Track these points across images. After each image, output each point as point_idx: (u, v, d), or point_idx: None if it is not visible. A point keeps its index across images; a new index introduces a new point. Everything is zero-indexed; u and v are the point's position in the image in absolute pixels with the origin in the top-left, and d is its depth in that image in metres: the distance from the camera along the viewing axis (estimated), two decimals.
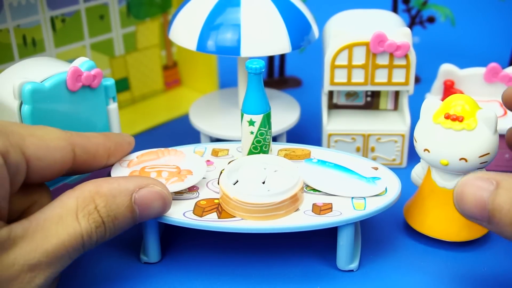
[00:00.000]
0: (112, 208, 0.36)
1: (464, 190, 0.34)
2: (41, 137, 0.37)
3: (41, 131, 0.38)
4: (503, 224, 0.33)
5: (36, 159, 0.37)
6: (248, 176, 0.42)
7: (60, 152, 0.38)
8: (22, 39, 0.54)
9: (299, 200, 0.41)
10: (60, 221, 0.35)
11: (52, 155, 0.37)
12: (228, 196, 0.40)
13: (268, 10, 0.49)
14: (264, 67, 0.43)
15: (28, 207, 0.38)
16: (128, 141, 0.44)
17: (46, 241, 0.34)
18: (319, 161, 0.44)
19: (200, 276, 0.42)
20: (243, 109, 0.44)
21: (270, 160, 0.43)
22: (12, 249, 0.33)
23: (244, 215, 0.39)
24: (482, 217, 0.34)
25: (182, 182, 0.41)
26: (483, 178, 0.34)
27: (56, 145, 0.38)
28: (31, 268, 0.33)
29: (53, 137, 0.38)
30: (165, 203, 0.39)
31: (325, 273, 0.42)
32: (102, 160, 0.42)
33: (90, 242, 0.36)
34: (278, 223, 0.40)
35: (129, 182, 0.38)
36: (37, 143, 0.37)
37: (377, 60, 0.50)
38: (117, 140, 0.43)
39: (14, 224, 0.34)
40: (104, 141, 0.42)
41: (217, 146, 0.48)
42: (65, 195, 0.36)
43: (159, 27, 0.65)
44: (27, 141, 0.36)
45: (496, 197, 0.33)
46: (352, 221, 0.40)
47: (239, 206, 0.39)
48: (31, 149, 0.36)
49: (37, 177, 0.37)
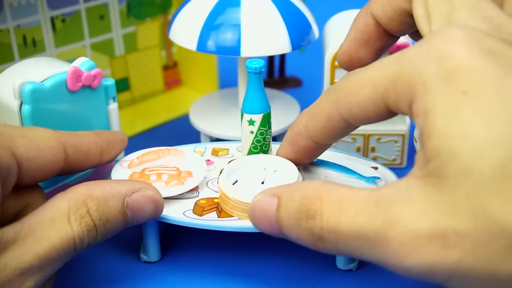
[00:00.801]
0: (104, 211, 0.36)
1: (254, 206, 0.36)
2: (31, 138, 0.37)
3: (32, 132, 0.38)
4: (291, 237, 0.34)
5: (27, 160, 0.36)
6: (247, 176, 0.42)
7: (51, 152, 0.38)
8: (22, 39, 0.54)
9: None
10: (52, 224, 0.35)
11: (43, 155, 0.37)
12: (227, 196, 0.40)
13: (268, 10, 0.49)
14: (264, 67, 0.43)
15: (21, 209, 0.38)
16: (120, 139, 0.43)
17: (37, 245, 0.34)
18: (319, 161, 0.44)
19: (200, 275, 0.42)
20: (243, 109, 0.44)
21: (269, 160, 0.43)
22: (4, 252, 0.33)
23: (243, 215, 0.39)
24: (274, 231, 0.35)
25: (182, 186, 0.41)
26: (268, 194, 0.35)
27: (46, 145, 0.37)
28: (23, 271, 0.33)
29: (44, 138, 0.38)
30: (157, 208, 0.39)
31: (325, 273, 0.42)
32: (95, 158, 0.41)
33: (81, 245, 0.35)
34: None
35: (122, 185, 0.37)
36: (28, 144, 0.36)
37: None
38: (109, 138, 0.43)
39: (6, 227, 0.34)
40: (96, 139, 0.41)
41: (217, 145, 0.48)
42: (57, 197, 0.36)
43: (159, 27, 0.65)
44: (17, 142, 0.36)
45: (278, 213, 0.34)
46: None
47: (238, 206, 0.39)
48: (22, 150, 0.36)
49: (29, 179, 0.37)
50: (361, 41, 0.41)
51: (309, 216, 0.33)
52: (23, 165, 0.36)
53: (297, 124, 0.39)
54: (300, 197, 0.33)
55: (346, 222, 0.31)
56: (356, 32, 0.41)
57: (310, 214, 0.33)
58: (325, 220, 0.32)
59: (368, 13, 0.40)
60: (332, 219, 0.32)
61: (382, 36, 0.40)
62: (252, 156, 0.44)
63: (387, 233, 0.29)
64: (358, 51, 0.41)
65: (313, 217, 0.32)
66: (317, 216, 0.32)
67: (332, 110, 0.35)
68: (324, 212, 0.32)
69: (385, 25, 0.39)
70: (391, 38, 0.41)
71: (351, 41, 0.41)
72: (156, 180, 0.42)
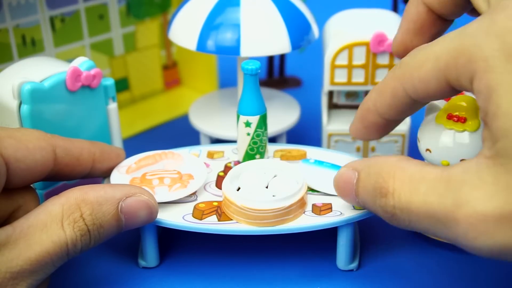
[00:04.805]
0: (98, 216, 0.36)
1: (338, 179, 0.38)
2: (19, 138, 0.37)
3: (20, 133, 0.37)
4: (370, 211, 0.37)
5: (16, 160, 0.36)
6: (250, 182, 0.42)
7: (40, 152, 0.37)
8: (21, 38, 0.53)
9: (306, 203, 0.41)
10: (44, 229, 0.34)
11: (32, 156, 0.37)
12: (235, 204, 0.39)
13: (268, 10, 0.48)
14: (260, 68, 0.42)
15: (12, 212, 0.37)
16: (117, 152, 0.43)
17: (29, 249, 0.33)
18: (316, 161, 0.44)
19: (200, 280, 0.42)
20: (239, 111, 0.44)
21: (269, 164, 0.43)
22: None
23: (251, 222, 0.39)
24: (357, 203, 0.38)
25: (185, 189, 0.41)
26: (350, 167, 0.37)
27: (35, 146, 0.37)
28: (14, 275, 0.33)
29: (32, 138, 0.37)
30: (151, 213, 0.38)
31: (325, 273, 0.42)
32: (86, 165, 0.41)
33: (74, 250, 0.35)
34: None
35: (116, 190, 0.37)
36: (16, 144, 0.36)
37: (377, 60, 0.50)
38: (103, 148, 0.42)
39: None
40: (89, 146, 0.41)
41: (212, 148, 0.48)
42: (50, 201, 0.36)
43: (159, 27, 0.64)
44: (4, 143, 0.36)
45: (357, 187, 0.37)
46: (352, 221, 0.40)
47: (247, 213, 0.39)
48: (10, 150, 0.36)
49: (18, 180, 0.37)
50: (415, 30, 0.41)
51: (382, 194, 0.34)
52: (12, 166, 0.36)
53: (366, 101, 0.39)
54: (375, 174, 0.35)
55: (417, 202, 0.32)
56: (409, 22, 0.41)
57: (383, 192, 0.34)
58: (397, 198, 0.33)
59: (419, 1, 0.40)
60: (404, 198, 0.33)
61: (436, 22, 0.40)
62: (251, 161, 0.43)
63: (456, 215, 0.30)
64: (413, 40, 0.41)
65: (385, 195, 0.34)
66: (389, 195, 0.33)
67: (397, 86, 0.36)
68: (396, 190, 0.33)
69: (438, 10, 0.39)
70: (445, 23, 0.41)
71: (404, 31, 0.41)
72: (159, 184, 0.41)
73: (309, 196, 0.42)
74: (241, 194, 0.40)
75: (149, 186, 0.41)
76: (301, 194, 0.40)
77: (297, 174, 0.42)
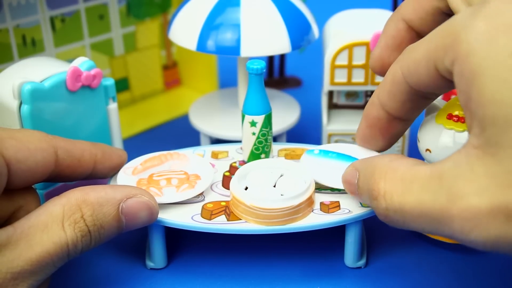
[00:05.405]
0: (98, 217, 0.36)
1: (343, 178, 0.39)
2: (20, 139, 0.37)
3: (21, 134, 0.37)
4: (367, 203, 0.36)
5: (17, 161, 0.36)
6: (257, 181, 0.42)
7: (42, 153, 0.37)
8: (21, 39, 0.53)
9: (314, 201, 0.41)
10: (45, 229, 0.34)
11: (33, 157, 0.37)
12: (245, 204, 0.39)
13: (268, 10, 0.48)
14: (265, 68, 0.42)
15: (13, 212, 0.37)
16: (119, 154, 0.43)
17: (30, 249, 0.33)
18: (321, 152, 0.43)
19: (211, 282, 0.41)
20: (244, 110, 0.44)
21: (275, 164, 0.43)
22: None
23: (262, 221, 0.39)
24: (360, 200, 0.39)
25: (193, 189, 0.41)
26: (353, 167, 0.38)
27: (36, 147, 0.37)
28: (14, 276, 0.33)
29: (34, 139, 0.37)
30: (152, 214, 0.38)
31: (334, 271, 0.42)
32: (88, 166, 0.41)
33: (75, 251, 0.35)
34: None
35: (117, 191, 0.37)
36: (17, 145, 0.36)
37: None
38: (105, 150, 0.42)
39: None
40: (91, 147, 0.41)
41: (216, 148, 0.48)
42: (51, 202, 0.36)
43: (159, 27, 0.64)
44: (6, 144, 0.36)
45: (358, 188, 0.37)
46: (361, 219, 0.40)
47: (257, 213, 0.39)
48: (11, 151, 0.36)
49: (20, 181, 0.37)
50: (393, 46, 0.41)
51: (373, 197, 0.34)
52: (13, 167, 0.36)
53: (372, 96, 0.40)
54: (369, 176, 0.35)
55: (411, 202, 0.32)
56: (387, 38, 0.41)
57: (374, 194, 0.34)
58: (389, 200, 0.33)
59: (398, 18, 0.40)
60: (397, 199, 0.32)
61: (414, 39, 0.40)
62: (257, 161, 0.43)
63: (451, 211, 0.30)
64: (391, 57, 0.41)
65: (376, 197, 0.34)
66: (380, 197, 0.33)
67: (397, 69, 0.36)
68: (387, 192, 0.33)
69: (418, 27, 0.39)
70: None
71: (383, 47, 0.41)
72: (166, 185, 0.41)
73: (316, 194, 0.42)
74: (249, 194, 0.40)
75: (156, 187, 0.41)
76: (310, 193, 0.40)
77: (304, 173, 0.42)
